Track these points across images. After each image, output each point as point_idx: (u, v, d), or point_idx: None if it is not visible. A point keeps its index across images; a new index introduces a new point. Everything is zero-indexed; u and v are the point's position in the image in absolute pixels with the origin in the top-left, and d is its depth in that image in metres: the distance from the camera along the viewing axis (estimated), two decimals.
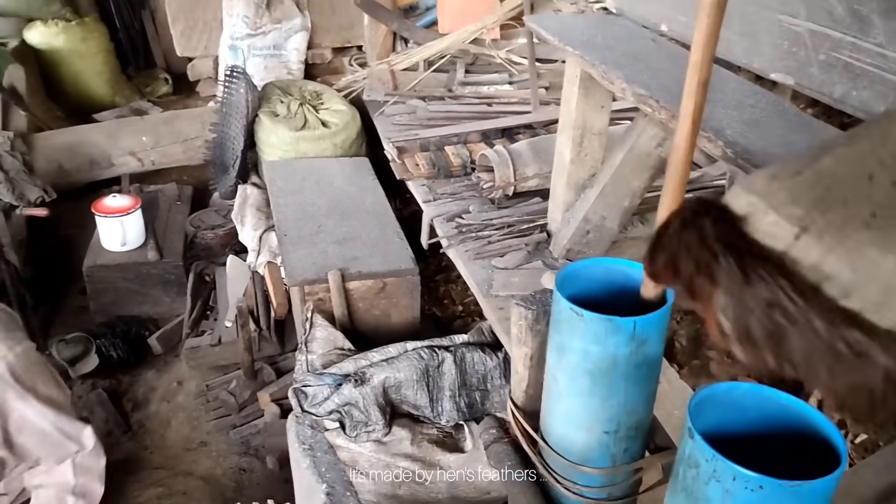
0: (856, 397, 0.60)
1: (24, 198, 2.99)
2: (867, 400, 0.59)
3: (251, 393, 2.66)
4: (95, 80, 4.89)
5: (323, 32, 4.74)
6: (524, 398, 1.31)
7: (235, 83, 3.47)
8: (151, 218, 3.30)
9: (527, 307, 1.23)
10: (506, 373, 2.24)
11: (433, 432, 2.20)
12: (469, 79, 3.48)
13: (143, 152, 3.71)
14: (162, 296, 3.18)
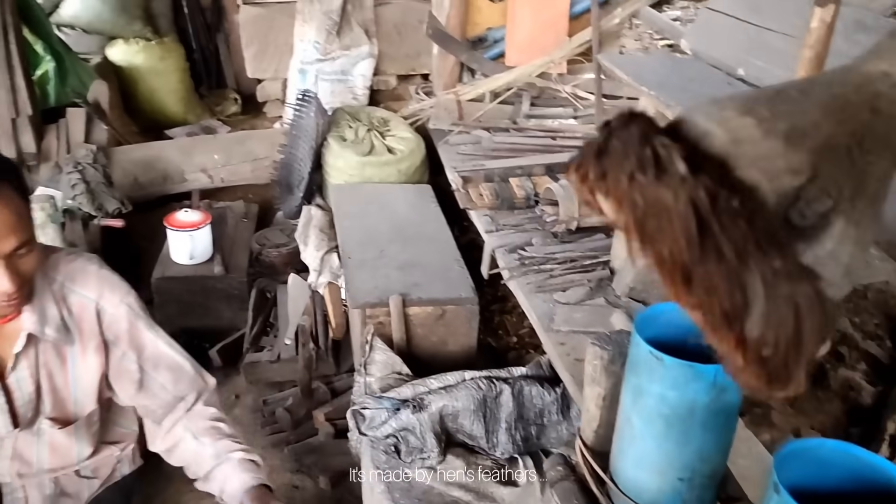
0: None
1: (102, 209, 3.10)
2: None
3: (307, 411, 2.70)
4: (170, 98, 5.06)
5: (389, 60, 4.84)
6: (594, 438, 1.31)
7: (306, 107, 3.56)
8: (219, 234, 3.38)
9: (602, 347, 1.24)
10: (563, 409, 2.24)
11: (487, 463, 2.20)
12: (534, 112, 3.52)
13: (213, 169, 3.83)
14: (224, 310, 3.26)
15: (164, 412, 1.75)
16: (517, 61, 3.70)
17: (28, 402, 1.65)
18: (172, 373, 1.74)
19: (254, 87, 5.28)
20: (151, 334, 1.71)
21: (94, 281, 1.63)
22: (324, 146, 3.45)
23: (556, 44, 3.65)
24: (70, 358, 1.64)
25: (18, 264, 1.41)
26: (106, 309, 1.63)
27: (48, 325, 1.56)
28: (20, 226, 1.39)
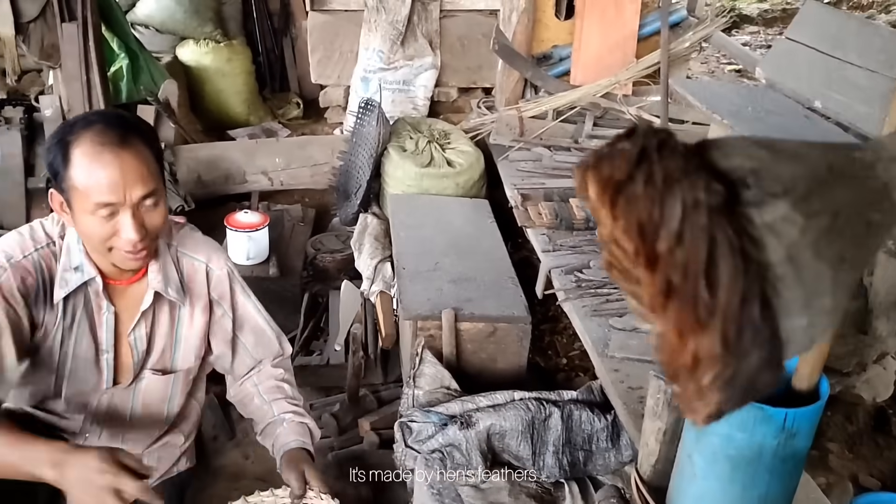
0: None
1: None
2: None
3: (352, 418, 2.70)
4: (234, 99, 5.16)
5: (451, 72, 4.86)
6: (651, 472, 1.28)
7: (368, 115, 3.59)
8: (276, 236, 3.43)
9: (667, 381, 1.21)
10: (612, 436, 2.20)
11: (532, 486, 2.17)
12: (597, 132, 3.49)
13: (273, 172, 3.88)
14: (277, 312, 3.23)
15: (242, 371, 1.94)
16: (582, 80, 3.68)
17: (140, 360, 1.77)
18: (255, 336, 1.92)
19: (316, 92, 5.35)
20: (243, 297, 1.88)
21: (203, 245, 1.81)
22: (383, 155, 3.47)
23: (622, 64, 3.62)
24: (178, 318, 1.78)
25: (145, 216, 1.52)
26: (214, 271, 1.79)
27: (170, 285, 1.70)
28: (149, 176, 1.50)
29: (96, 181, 1.45)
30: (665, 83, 3.22)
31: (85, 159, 1.45)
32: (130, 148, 1.47)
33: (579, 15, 3.75)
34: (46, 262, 1.60)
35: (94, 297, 1.67)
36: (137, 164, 1.48)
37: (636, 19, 3.71)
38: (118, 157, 1.45)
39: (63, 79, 3.48)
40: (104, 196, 1.46)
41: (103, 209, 1.47)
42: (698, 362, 0.61)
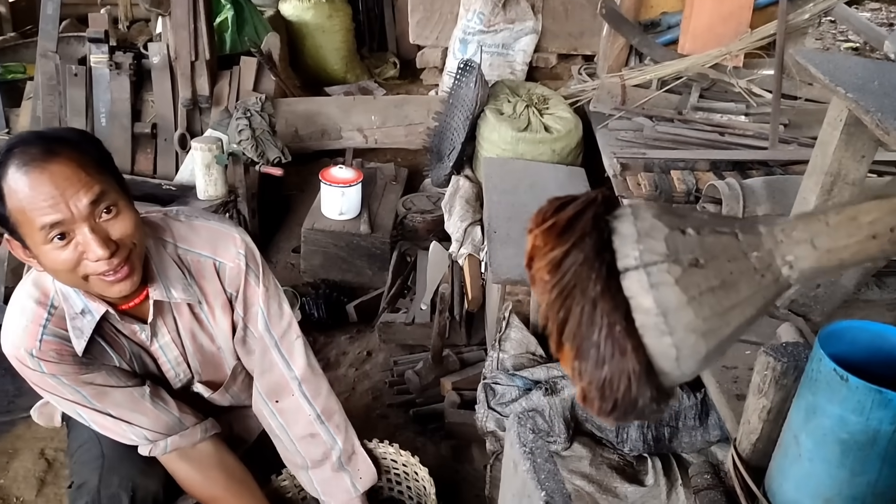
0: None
1: (264, 156, 3.23)
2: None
3: (435, 377, 2.72)
4: (333, 56, 5.21)
5: (552, 37, 4.76)
6: (751, 451, 1.24)
7: (467, 76, 3.56)
8: (368, 193, 3.46)
9: (777, 358, 1.16)
10: (701, 415, 2.14)
11: (614, 458, 2.14)
12: (703, 104, 3.36)
13: (369, 130, 3.90)
14: (365, 268, 3.33)
15: (261, 383, 1.76)
16: (691, 49, 3.54)
17: (178, 366, 1.72)
18: (262, 338, 1.71)
19: (413, 52, 5.34)
20: (257, 293, 1.67)
21: (206, 237, 1.61)
22: (480, 118, 3.44)
23: (735, 35, 3.45)
24: (205, 318, 1.67)
25: (107, 228, 1.36)
26: (225, 264, 1.62)
27: (173, 287, 1.56)
28: (89, 180, 1.32)
29: (33, 206, 1.29)
30: (780, 56, 3.06)
31: (15, 188, 1.28)
32: (57, 157, 1.30)
33: None
34: (61, 327, 1.50)
35: (121, 325, 1.59)
36: (70, 171, 1.30)
37: None
38: (46, 172, 1.28)
39: (171, 26, 3.57)
40: (48, 216, 1.29)
41: (53, 231, 1.31)
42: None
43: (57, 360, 1.50)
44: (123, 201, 1.40)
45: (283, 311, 1.72)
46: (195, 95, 3.66)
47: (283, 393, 1.76)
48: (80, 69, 3.59)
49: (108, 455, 1.69)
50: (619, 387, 0.64)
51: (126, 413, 1.61)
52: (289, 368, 1.74)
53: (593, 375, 0.65)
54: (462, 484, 2.41)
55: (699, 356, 0.66)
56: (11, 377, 2.79)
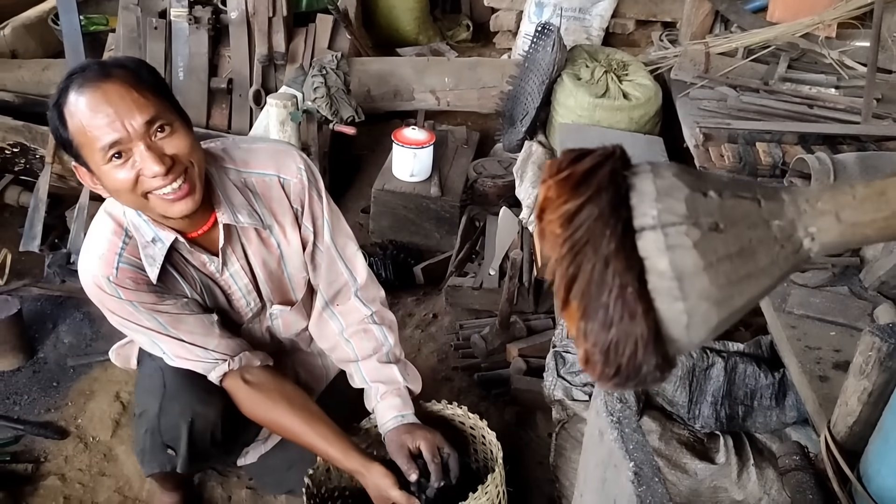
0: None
1: (338, 114, 3.23)
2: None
3: (501, 343, 2.71)
4: (406, 16, 5.16)
5: (631, 2, 4.63)
6: (847, 434, 1.19)
7: (545, 40, 3.48)
8: (439, 156, 3.43)
9: (883, 338, 1.10)
10: (778, 395, 2.08)
11: (684, 433, 2.10)
12: (791, 75, 3.21)
13: (441, 92, 3.87)
14: (434, 230, 3.32)
15: (325, 291, 1.81)
16: (781, 17, 3.39)
17: (249, 294, 1.75)
18: (329, 252, 1.76)
19: (487, 15, 5.26)
20: (318, 204, 1.70)
21: (267, 156, 1.65)
22: (556, 83, 3.36)
23: (829, 3, 3.29)
24: (274, 242, 1.69)
25: (163, 145, 1.40)
26: (289, 180, 1.64)
27: (239, 212, 1.59)
28: (143, 102, 1.37)
29: (92, 125, 1.35)
30: (878, 26, 2.90)
31: (74, 110, 1.35)
32: (112, 79, 1.36)
33: None
34: (135, 256, 1.56)
35: (191, 255, 1.63)
36: (125, 91, 1.35)
37: None
38: (101, 91, 1.34)
39: None
40: (106, 136, 1.35)
41: (112, 150, 1.37)
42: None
43: (133, 287, 1.56)
44: (179, 122, 1.44)
45: (343, 225, 1.79)
46: (271, 52, 3.67)
47: (343, 297, 1.84)
48: (161, 22, 3.64)
49: (169, 384, 1.74)
50: (625, 351, 0.62)
51: (199, 338, 1.66)
52: (352, 277, 1.82)
53: (599, 337, 0.62)
54: (525, 450, 2.41)
55: (710, 325, 0.63)
56: (89, 321, 2.89)
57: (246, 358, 1.73)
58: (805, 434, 1.91)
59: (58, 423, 2.45)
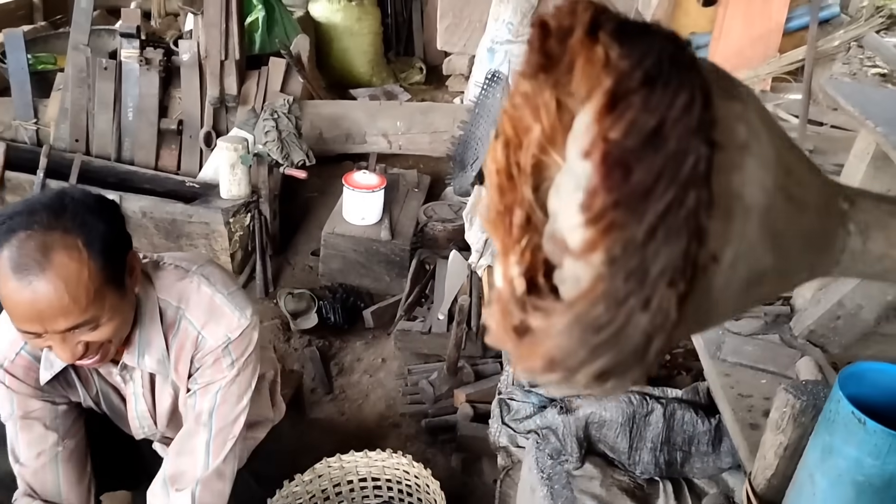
0: None
1: (289, 158, 3.25)
2: None
3: (448, 388, 2.73)
4: (359, 59, 5.24)
5: None
6: (766, 486, 1.24)
7: (494, 87, 3.57)
8: (390, 199, 3.47)
9: (797, 396, 1.16)
10: (714, 441, 2.14)
11: (625, 480, 2.14)
12: None
13: (393, 135, 3.92)
14: (384, 274, 3.35)
15: (169, 462, 1.63)
16: None
17: (143, 419, 1.69)
18: (198, 426, 1.60)
19: (440, 59, 5.37)
20: (223, 376, 1.57)
21: (207, 308, 1.53)
22: None
23: (763, 58, 3.45)
24: (173, 385, 1.62)
25: (82, 337, 1.32)
26: (206, 340, 1.53)
27: (149, 354, 1.51)
28: (74, 307, 1.26)
29: (11, 309, 1.26)
30: (808, 82, 3.05)
31: (2, 279, 1.23)
32: (49, 272, 1.22)
33: (723, 3, 3.59)
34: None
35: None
36: (57, 294, 1.23)
37: (784, 12, 3.52)
38: (30, 286, 1.22)
39: (203, 25, 3.61)
40: (21, 325, 1.28)
41: (26, 334, 1.31)
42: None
43: (21, 378, 1.52)
44: (104, 311, 1.32)
45: (240, 405, 1.61)
46: (223, 94, 3.69)
47: (181, 484, 1.61)
48: (111, 63, 3.64)
49: None
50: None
51: (24, 450, 1.59)
52: (205, 466, 1.60)
53: None
54: (470, 497, 2.42)
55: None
56: None
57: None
58: (740, 479, 1.97)
59: None
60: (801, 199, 0.52)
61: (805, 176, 0.54)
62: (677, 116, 0.43)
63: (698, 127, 0.43)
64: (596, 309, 0.43)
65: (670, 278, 0.43)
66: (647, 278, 0.43)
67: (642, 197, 0.42)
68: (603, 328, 0.44)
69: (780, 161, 0.51)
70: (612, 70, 0.43)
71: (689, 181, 0.43)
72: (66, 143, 3.63)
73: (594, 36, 0.45)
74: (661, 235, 0.43)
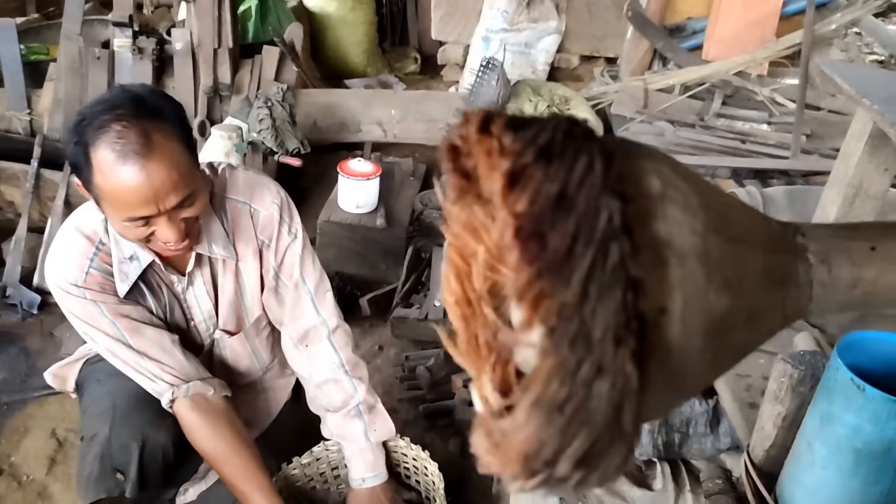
0: None
1: (283, 146, 3.24)
2: None
3: (446, 374, 2.72)
4: (354, 49, 5.21)
5: (575, 38, 4.76)
6: (764, 457, 1.23)
7: (489, 74, 3.56)
8: (385, 187, 3.45)
9: (794, 366, 1.16)
10: (712, 422, 2.13)
11: None
12: (725, 111, 3.34)
13: (388, 124, 3.91)
14: (380, 262, 3.33)
15: (291, 329, 1.79)
16: (715, 56, 3.53)
17: (209, 318, 1.75)
18: (295, 291, 1.73)
19: (435, 48, 5.35)
20: (288, 239, 1.69)
21: (247, 185, 1.65)
22: None
23: (760, 42, 3.44)
24: (237, 270, 1.70)
25: (183, 215, 1.42)
26: (259, 211, 1.64)
27: (215, 242, 1.61)
28: (181, 181, 1.37)
29: (124, 197, 1.34)
30: (805, 65, 3.05)
31: (108, 171, 1.32)
32: (157, 153, 1.33)
33: None
34: (107, 262, 1.56)
35: (163, 274, 1.65)
36: (167, 170, 1.34)
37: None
38: (144, 168, 1.31)
39: (196, 13, 3.58)
40: (137, 210, 1.36)
41: (136, 220, 1.38)
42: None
43: (99, 290, 1.56)
44: (199, 185, 1.44)
45: (316, 263, 1.77)
46: (216, 83, 3.67)
47: (312, 339, 1.80)
48: (104, 53, 3.61)
49: (120, 406, 1.70)
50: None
51: (156, 352, 1.64)
52: (320, 317, 1.77)
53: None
54: (469, 481, 2.41)
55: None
56: (25, 357, 2.82)
57: (197, 387, 1.69)
58: (738, 460, 1.96)
59: None
60: (743, 239, 0.52)
61: (742, 216, 0.54)
62: (580, 178, 0.43)
63: (604, 184, 0.43)
64: (551, 386, 0.42)
65: (615, 335, 0.42)
66: (593, 340, 0.42)
67: (564, 260, 0.42)
68: (565, 404, 0.42)
69: (708, 205, 0.50)
70: (508, 153, 0.44)
71: (608, 235, 0.42)
72: (59, 132, 3.60)
73: (488, 132, 0.46)
74: (594, 294, 0.42)
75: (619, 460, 0.45)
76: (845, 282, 0.58)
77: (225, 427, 1.72)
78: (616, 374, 0.42)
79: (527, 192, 0.43)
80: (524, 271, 0.42)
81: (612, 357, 0.42)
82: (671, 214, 0.47)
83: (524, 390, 0.43)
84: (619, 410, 0.43)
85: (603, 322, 0.42)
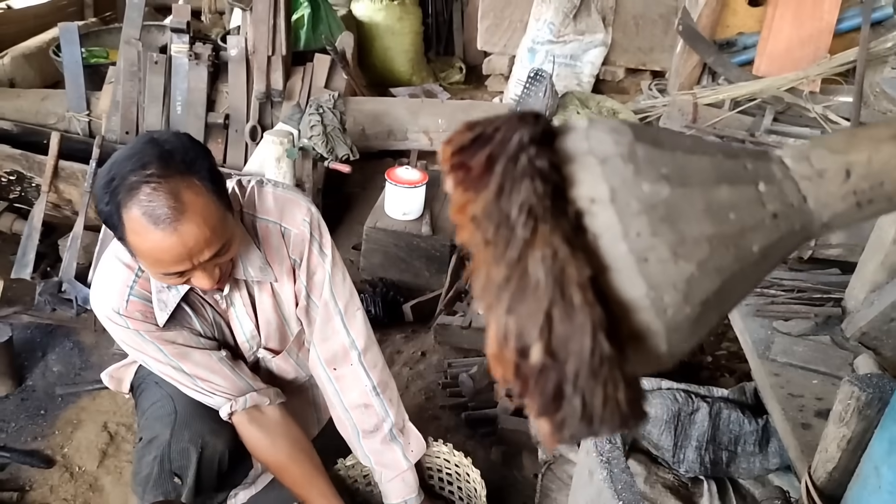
0: None
1: (333, 152, 3.28)
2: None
3: (489, 382, 2.73)
4: (400, 58, 5.27)
5: (621, 51, 4.75)
6: (826, 480, 1.22)
7: (537, 85, 3.57)
8: (431, 195, 3.48)
9: (862, 388, 1.15)
10: (761, 441, 2.11)
11: (668, 477, 2.13)
12: (776, 128, 3.31)
13: (435, 133, 3.94)
14: (423, 269, 3.36)
15: (322, 350, 1.77)
16: (766, 71, 3.50)
17: (252, 338, 1.77)
18: (325, 310, 1.71)
19: (480, 58, 5.38)
20: (319, 258, 1.67)
21: (275, 203, 1.63)
22: None
23: (813, 59, 3.41)
24: (275, 291, 1.71)
25: (219, 261, 1.44)
26: (289, 230, 1.63)
27: (251, 265, 1.61)
28: (213, 236, 1.37)
29: (158, 256, 1.35)
30: (860, 83, 3.02)
31: (141, 233, 1.33)
32: (188, 213, 1.32)
33: (772, 2, 3.56)
34: (146, 290, 1.57)
35: (206, 294, 1.66)
36: (199, 229, 1.34)
37: (835, 12, 3.47)
38: (176, 231, 1.32)
39: (252, 21, 3.65)
40: (169, 268, 1.38)
41: (171, 275, 1.41)
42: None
43: (142, 319, 1.58)
44: (232, 232, 1.44)
45: (346, 282, 1.74)
46: (269, 89, 3.73)
47: (342, 361, 1.77)
48: (161, 57, 3.69)
49: (181, 412, 1.74)
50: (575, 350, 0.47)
51: (205, 373, 1.67)
52: (349, 338, 1.75)
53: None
54: (510, 490, 2.42)
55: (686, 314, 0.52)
56: (79, 351, 2.89)
57: (253, 398, 1.72)
58: (787, 480, 1.94)
59: (44, 452, 2.44)
60: (691, 150, 0.56)
61: (700, 143, 0.58)
62: (499, 126, 0.53)
63: (520, 123, 0.53)
64: (490, 271, 0.49)
65: (529, 210, 0.49)
66: (511, 220, 0.49)
67: (482, 175, 0.52)
68: (505, 283, 0.49)
69: (647, 133, 0.56)
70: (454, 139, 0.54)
71: (518, 149, 0.52)
72: (116, 134, 3.69)
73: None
74: (507, 188, 0.51)
75: (590, 344, 0.47)
76: (834, 170, 0.58)
77: (282, 438, 1.75)
78: (545, 247, 0.48)
79: (452, 142, 0.53)
80: (456, 192, 0.52)
81: (533, 232, 0.49)
82: (594, 134, 0.54)
83: (474, 275, 0.51)
84: (560, 282, 0.48)
85: (517, 204, 0.50)
